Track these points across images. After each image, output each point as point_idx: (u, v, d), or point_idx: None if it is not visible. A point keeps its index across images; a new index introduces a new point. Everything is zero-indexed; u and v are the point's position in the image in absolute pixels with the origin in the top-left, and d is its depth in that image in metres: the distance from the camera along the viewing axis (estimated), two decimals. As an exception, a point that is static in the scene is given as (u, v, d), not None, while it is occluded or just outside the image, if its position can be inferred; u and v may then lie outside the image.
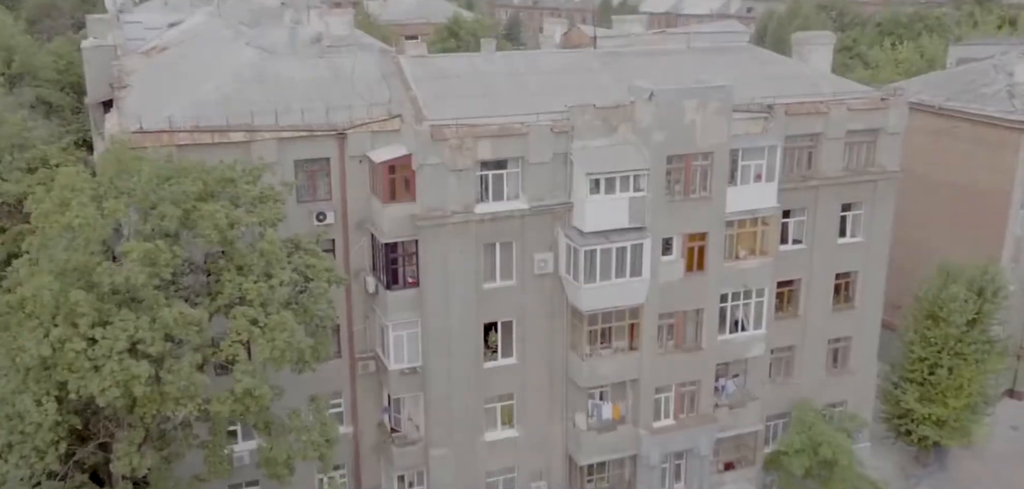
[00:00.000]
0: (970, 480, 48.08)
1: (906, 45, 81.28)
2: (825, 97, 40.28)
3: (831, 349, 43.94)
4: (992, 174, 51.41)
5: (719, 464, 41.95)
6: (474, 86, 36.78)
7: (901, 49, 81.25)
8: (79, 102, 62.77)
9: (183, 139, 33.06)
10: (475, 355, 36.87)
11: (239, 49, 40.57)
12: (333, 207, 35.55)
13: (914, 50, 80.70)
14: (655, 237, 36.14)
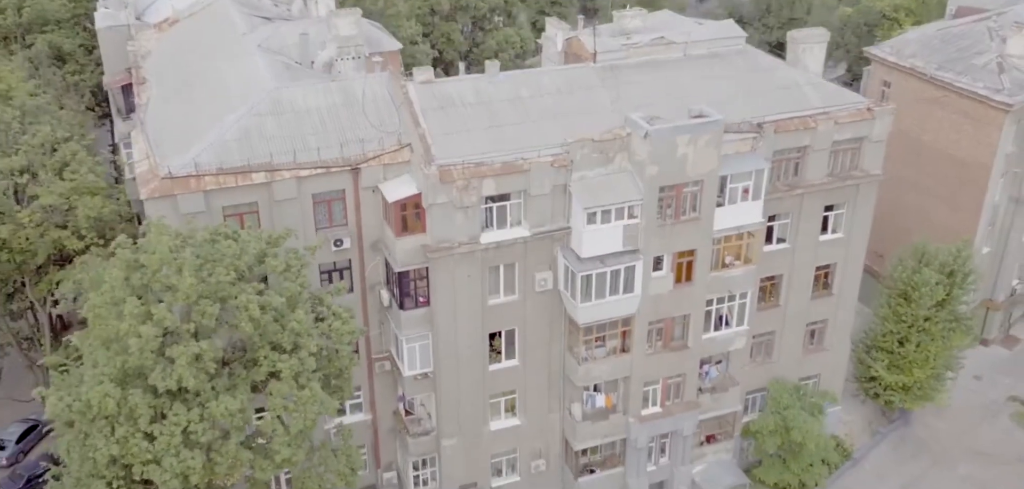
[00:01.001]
0: (931, 435, 52.64)
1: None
2: (814, 109, 41.94)
3: (808, 331, 47.38)
4: (976, 146, 53.37)
5: (701, 437, 46.26)
6: (479, 116, 38.53)
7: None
8: (92, 41, 63.93)
9: (209, 183, 35.39)
10: (481, 360, 40.39)
11: (252, 60, 41.93)
12: (349, 232, 38.23)
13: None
14: (647, 257, 38.88)
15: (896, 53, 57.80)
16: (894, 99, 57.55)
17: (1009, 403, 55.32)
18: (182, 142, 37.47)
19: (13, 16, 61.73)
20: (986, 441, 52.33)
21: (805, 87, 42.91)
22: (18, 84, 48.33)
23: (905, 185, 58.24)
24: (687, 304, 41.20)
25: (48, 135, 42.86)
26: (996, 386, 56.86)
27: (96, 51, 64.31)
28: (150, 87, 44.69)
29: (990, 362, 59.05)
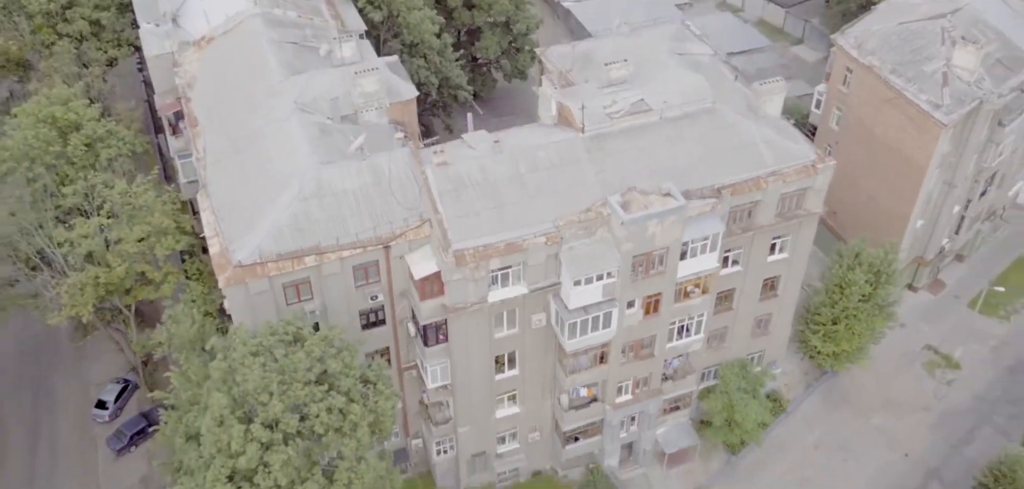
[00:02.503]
0: (854, 385, 63.50)
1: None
2: (767, 168, 49.13)
3: (756, 321, 56.85)
4: (917, 147, 60.44)
5: (664, 409, 56.97)
6: (485, 197, 45.85)
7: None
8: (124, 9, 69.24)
9: (271, 269, 43.73)
10: (488, 373, 50.26)
11: (292, 126, 48.42)
12: (382, 288, 47.00)
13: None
14: (622, 302, 47.74)
15: (858, 47, 63.21)
16: (854, 89, 64.44)
17: (924, 352, 65.90)
18: (242, 221, 45.34)
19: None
20: (899, 391, 63.28)
21: (761, 145, 49.80)
22: (84, 112, 54.73)
23: (858, 164, 65.78)
24: (654, 328, 50.49)
25: (125, 189, 50.16)
26: (917, 334, 67.17)
27: (127, 16, 69.60)
28: (203, 134, 51.59)
29: (917, 309, 69.07)
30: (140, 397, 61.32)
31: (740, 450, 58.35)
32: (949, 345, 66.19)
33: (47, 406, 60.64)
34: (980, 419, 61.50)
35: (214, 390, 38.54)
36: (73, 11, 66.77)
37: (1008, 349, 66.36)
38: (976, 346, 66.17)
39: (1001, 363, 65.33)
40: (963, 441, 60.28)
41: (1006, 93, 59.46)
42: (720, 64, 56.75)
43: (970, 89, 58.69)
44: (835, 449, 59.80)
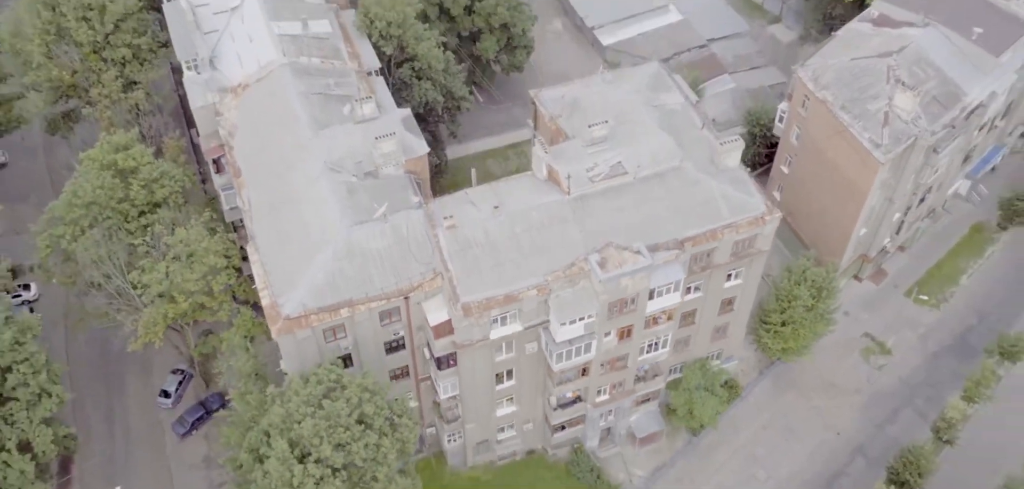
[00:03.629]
0: (800, 371, 73.70)
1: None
2: (724, 221, 57.72)
3: (715, 329, 66.48)
4: (860, 174, 68.75)
5: (636, 402, 67.26)
6: (487, 256, 54.59)
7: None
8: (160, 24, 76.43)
9: (313, 320, 53.00)
10: (490, 385, 60.27)
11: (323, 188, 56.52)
12: (403, 325, 56.45)
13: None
14: (600, 334, 57.25)
15: (815, 81, 70.51)
16: (811, 114, 72.34)
17: (862, 339, 75.82)
18: (286, 277, 54.29)
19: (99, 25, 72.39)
20: (837, 375, 73.55)
21: (719, 200, 58.22)
22: (140, 157, 62.68)
23: (813, 177, 74.23)
24: (627, 348, 60.23)
25: (184, 235, 58.73)
26: (858, 322, 76.97)
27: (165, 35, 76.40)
28: (246, 186, 59.83)
29: (860, 298, 78.62)
30: (196, 386, 71.62)
31: (700, 432, 69.11)
32: (886, 332, 76.11)
33: (119, 396, 70.96)
34: (903, 401, 72.05)
35: (276, 435, 48.49)
36: (116, 37, 73.41)
37: (935, 335, 76.35)
38: (908, 333, 76.12)
39: (927, 349, 75.42)
40: (887, 421, 70.98)
41: (939, 130, 67.32)
42: (690, 111, 64.33)
43: (907, 127, 66.48)
44: (781, 429, 70.54)
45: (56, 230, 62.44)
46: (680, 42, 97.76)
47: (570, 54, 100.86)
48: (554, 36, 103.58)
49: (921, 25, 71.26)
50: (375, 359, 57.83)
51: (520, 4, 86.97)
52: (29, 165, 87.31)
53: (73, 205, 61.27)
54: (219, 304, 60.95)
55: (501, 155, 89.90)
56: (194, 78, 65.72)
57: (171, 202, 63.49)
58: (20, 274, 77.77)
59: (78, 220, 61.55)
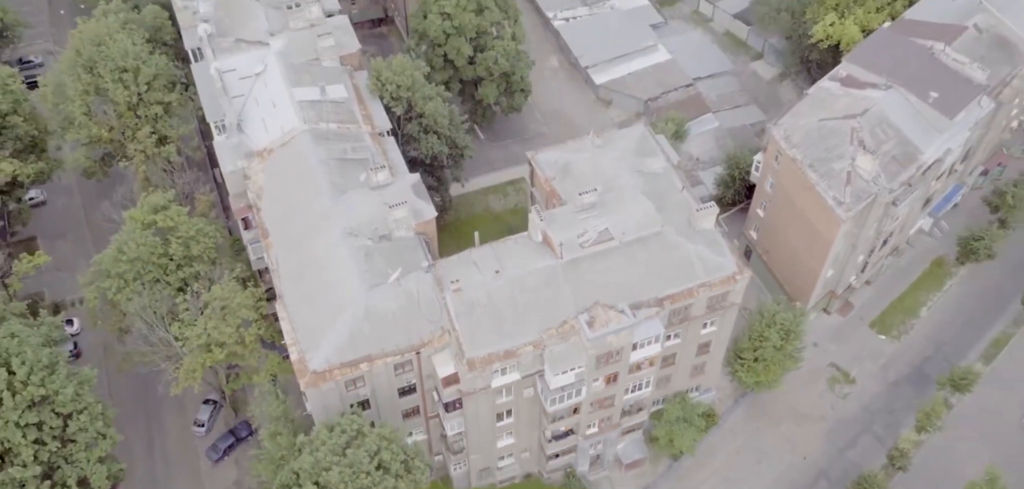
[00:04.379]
0: (771, 399, 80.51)
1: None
2: (699, 280, 64.32)
3: (694, 368, 73.30)
4: (825, 226, 75.28)
5: (622, 432, 74.23)
6: (489, 316, 61.20)
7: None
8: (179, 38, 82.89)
9: (337, 374, 59.78)
10: (492, 424, 67.16)
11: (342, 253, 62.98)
12: (415, 375, 63.21)
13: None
14: (589, 380, 64.07)
15: (786, 140, 76.77)
16: (783, 168, 78.59)
17: (828, 369, 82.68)
18: (311, 334, 60.98)
19: (133, 85, 78.46)
20: (804, 403, 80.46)
21: (695, 261, 64.79)
22: (178, 217, 69.12)
23: (785, 222, 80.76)
24: (614, 390, 67.08)
25: (221, 293, 65.32)
26: (825, 353, 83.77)
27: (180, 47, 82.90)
28: (274, 247, 66.37)
29: (828, 330, 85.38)
30: (225, 415, 78.53)
31: (680, 457, 76.14)
32: (851, 362, 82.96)
33: (157, 424, 77.90)
34: (863, 428, 79.04)
35: (306, 480, 55.43)
36: (148, 95, 79.51)
37: (894, 365, 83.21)
38: (869, 364, 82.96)
39: (887, 378, 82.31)
40: (848, 446, 77.98)
41: (897, 188, 73.78)
42: (672, 174, 70.67)
43: (868, 186, 72.86)
44: (752, 453, 77.57)
45: (103, 283, 69.00)
46: (667, 82, 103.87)
47: (565, 91, 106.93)
48: (551, 73, 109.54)
49: (884, 88, 77.46)
50: (389, 401, 64.68)
51: (520, 52, 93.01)
52: (66, 203, 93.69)
53: (119, 260, 67.80)
54: (250, 350, 67.70)
55: (501, 191, 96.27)
56: (224, 143, 72.07)
57: (205, 257, 70.03)
58: (62, 310, 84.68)
59: (123, 274, 68.12)
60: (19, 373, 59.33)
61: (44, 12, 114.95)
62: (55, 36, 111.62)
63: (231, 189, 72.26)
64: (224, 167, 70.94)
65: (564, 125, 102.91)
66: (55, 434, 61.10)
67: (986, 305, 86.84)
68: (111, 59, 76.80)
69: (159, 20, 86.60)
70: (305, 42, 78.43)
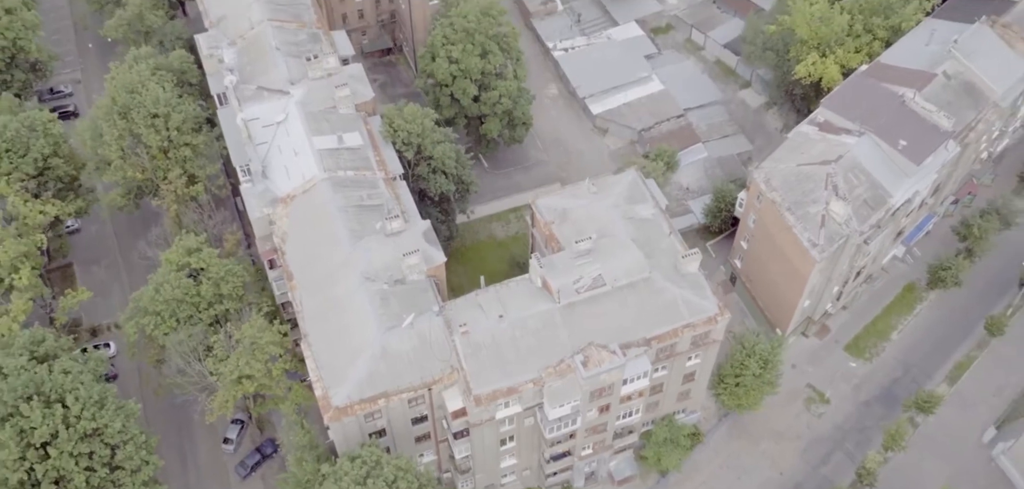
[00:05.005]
0: (751, 419, 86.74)
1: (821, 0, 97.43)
2: (683, 320, 70.39)
3: (680, 394, 79.55)
4: (801, 264, 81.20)
5: (614, 451, 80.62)
6: (494, 356, 67.34)
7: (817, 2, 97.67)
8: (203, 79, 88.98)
9: (357, 409, 66.03)
10: (496, 448, 73.52)
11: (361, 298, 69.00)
12: (427, 408, 69.49)
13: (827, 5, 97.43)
14: (583, 411, 70.34)
15: (766, 183, 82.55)
16: (763, 208, 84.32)
17: (805, 389, 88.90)
18: (334, 372, 67.14)
19: (164, 130, 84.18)
20: (782, 422, 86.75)
21: (680, 304, 70.84)
22: (209, 259, 75.10)
23: (765, 255, 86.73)
24: (606, 419, 73.40)
25: (251, 332, 71.44)
26: (803, 374, 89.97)
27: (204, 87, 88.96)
28: (298, 289, 72.39)
29: (806, 352, 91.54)
30: (251, 434, 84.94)
31: (667, 473, 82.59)
32: (825, 383, 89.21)
33: (189, 441, 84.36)
34: (836, 445, 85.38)
35: (334, 511, 61.99)
36: (178, 137, 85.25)
37: (866, 386, 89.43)
38: (843, 385, 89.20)
39: (859, 398, 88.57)
40: (821, 462, 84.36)
41: (867, 230, 79.67)
42: (660, 220, 76.54)
43: (841, 229, 78.73)
44: (734, 469, 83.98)
45: (141, 319, 75.12)
46: (660, 112, 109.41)
47: (564, 119, 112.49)
48: (550, 101, 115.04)
49: (857, 134, 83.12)
50: (403, 428, 70.95)
51: (521, 90, 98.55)
52: (99, 230, 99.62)
53: (156, 300, 73.88)
54: (276, 382, 73.93)
55: (504, 218, 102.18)
56: (250, 189, 77.91)
57: (234, 295, 76.07)
58: (98, 333, 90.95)
59: (160, 311, 74.20)
60: (73, 409, 65.73)
61: (71, 41, 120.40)
62: (83, 66, 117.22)
63: (257, 233, 78.22)
64: (251, 213, 76.85)
65: (563, 153, 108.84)
66: (104, 461, 67.49)
67: (952, 329, 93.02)
68: (144, 106, 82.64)
69: (185, 64, 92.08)
70: (323, 91, 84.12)
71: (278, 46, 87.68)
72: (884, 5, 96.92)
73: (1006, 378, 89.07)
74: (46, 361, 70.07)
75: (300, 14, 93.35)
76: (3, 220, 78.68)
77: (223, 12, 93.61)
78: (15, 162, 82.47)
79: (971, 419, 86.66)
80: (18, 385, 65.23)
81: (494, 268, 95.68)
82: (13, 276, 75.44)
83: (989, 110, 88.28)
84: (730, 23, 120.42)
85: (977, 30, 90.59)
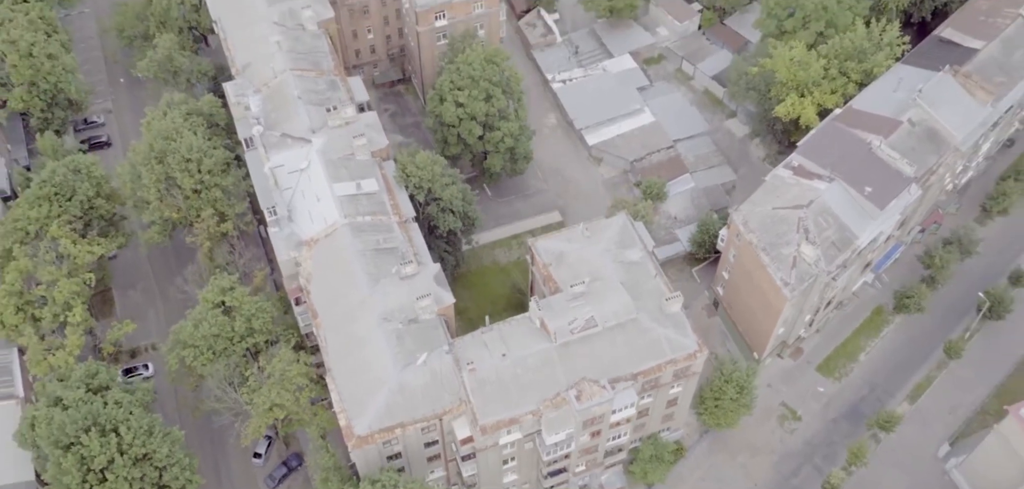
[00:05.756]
0: (730, 434, 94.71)
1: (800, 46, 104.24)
2: (666, 357, 78.13)
3: (664, 416, 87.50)
4: (774, 299, 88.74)
5: (605, 467, 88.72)
6: (497, 390, 75.14)
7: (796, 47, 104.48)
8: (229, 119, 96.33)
9: (377, 438, 73.99)
10: (499, 468, 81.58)
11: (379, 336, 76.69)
12: (437, 433, 77.47)
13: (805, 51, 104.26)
14: (577, 437, 78.32)
15: (744, 224, 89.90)
16: (742, 246, 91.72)
17: (779, 407, 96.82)
18: (357, 404, 75.01)
19: (197, 173, 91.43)
20: (758, 438, 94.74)
21: (664, 342, 78.57)
22: (242, 298, 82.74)
23: (744, 287, 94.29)
24: (597, 442, 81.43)
25: (280, 367, 79.22)
26: (777, 393, 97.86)
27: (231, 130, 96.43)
28: (323, 327, 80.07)
29: (781, 372, 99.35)
30: (278, 449, 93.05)
31: (653, 485, 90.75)
32: (798, 401, 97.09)
33: (222, 454, 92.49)
34: (805, 459, 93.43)
35: (358, 528, 70.07)
36: (210, 178, 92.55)
37: (835, 404, 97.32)
38: (814, 403, 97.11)
39: (828, 415, 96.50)
40: (792, 474, 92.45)
41: (834, 269, 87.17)
42: (647, 261, 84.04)
43: (810, 269, 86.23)
44: (713, 481, 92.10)
45: (181, 351, 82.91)
46: (651, 143, 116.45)
47: (562, 149, 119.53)
48: (549, 131, 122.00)
49: (828, 179, 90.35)
50: (417, 451, 78.94)
51: (523, 128, 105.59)
52: (134, 257, 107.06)
53: (195, 334, 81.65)
54: (302, 409, 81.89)
55: (506, 245, 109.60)
56: (278, 233, 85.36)
57: (264, 329, 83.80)
58: (137, 354, 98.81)
59: (198, 344, 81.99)
60: (126, 437, 73.77)
61: (102, 71, 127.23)
62: (114, 96, 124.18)
63: (284, 272, 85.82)
64: (279, 255, 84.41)
65: (561, 181, 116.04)
66: (153, 482, 75.65)
67: (914, 351, 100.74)
68: (179, 152, 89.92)
69: (214, 108, 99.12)
70: (342, 139, 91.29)
71: (300, 95, 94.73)
72: (857, 51, 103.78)
73: (961, 398, 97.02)
74: (99, 392, 78.11)
75: (319, 62, 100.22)
76: (56, 260, 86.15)
77: (248, 59, 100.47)
78: (63, 205, 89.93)
79: (928, 435, 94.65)
80: (78, 417, 73.24)
81: (497, 293, 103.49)
82: (67, 313, 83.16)
83: (950, 154, 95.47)
84: (718, 55, 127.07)
85: (940, 79, 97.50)
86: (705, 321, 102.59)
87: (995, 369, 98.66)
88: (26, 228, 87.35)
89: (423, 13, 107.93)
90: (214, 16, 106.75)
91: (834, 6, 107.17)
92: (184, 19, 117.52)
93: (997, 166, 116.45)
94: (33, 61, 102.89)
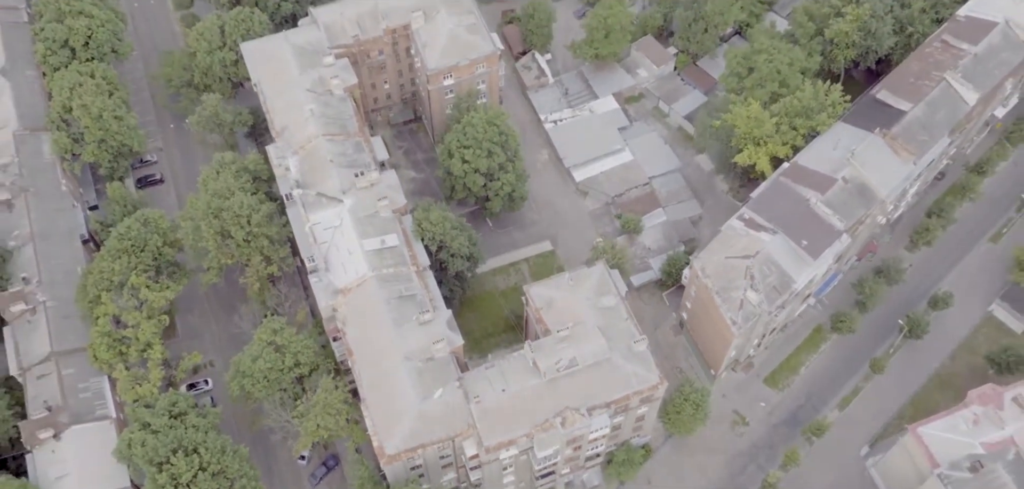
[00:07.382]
0: (690, 438, 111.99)
1: (755, 104, 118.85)
2: (634, 388, 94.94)
3: (634, 428, 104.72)
4: (726, 332, 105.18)
5: (585, 468, 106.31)
6: (499, 416, 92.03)
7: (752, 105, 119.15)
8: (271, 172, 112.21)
9: (402, 456, 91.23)
10: (501, 475, 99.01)
11: (403, 371, 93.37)
12: (450, 451, 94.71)
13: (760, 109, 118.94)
14: (562, 451, 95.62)
15: (702, 270, 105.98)
16: (700, 287, 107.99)
17: (731, 414, 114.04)
18: (386, 427, 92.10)
19: (247, 226, 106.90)
20: (713, 441, 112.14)
21: (632, 377, 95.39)
22: (290, 339, 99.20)
23: (703, 316, 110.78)
24: (579, 452, 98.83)
25: (323, 397, 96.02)
26: (730, 402, 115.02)
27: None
28: (357, 362, 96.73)
29: (734, 384, 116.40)
30: (319, 452, 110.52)
31: (626, 482, 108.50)
32: (747, 408, 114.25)
33: (274, 460, 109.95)
34: (750, 459, 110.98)
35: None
36: (258, 229, 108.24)
37: (777, 411, 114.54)
38: (759, 410, 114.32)
39: (771, 421, 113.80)
40: (739, 472, 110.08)
41: (774, 310, 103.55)
42: (620, 306, 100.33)
43: (755, 309, 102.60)
44: (676, 477, 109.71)
45: (242, 380, 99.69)
46: (629, 180, 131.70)
47: (553, 184, 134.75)
48: (542, 165, 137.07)
49: (772, 232, 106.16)
50: (434, 463, 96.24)
51: (520, 176, 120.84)
52: (191, 286, 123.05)
53: (252, 368, 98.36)
54: (341, 427, 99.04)
55: (504, 272, 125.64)
56: (317, 282, 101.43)
57: (308, 362, 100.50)
58: (198, 371, 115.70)
59: (255, 375, 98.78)
60: (205, 456, 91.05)
61: (150, 112, 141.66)
62: (163, 135, 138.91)
63: (324, 316, 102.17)
64: (319, 302, 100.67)
65: (552, 213, 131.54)
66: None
67: (846, 366, 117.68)
68: (232, 210, 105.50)
69: (259, 165, 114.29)
70: (368, 199, 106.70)
71: (332, 159, 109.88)
72: (804, 110, 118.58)
73: (883, 406, 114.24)
74: (179, 417, 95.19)
75: (345, 125, 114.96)
76: (137, 305, 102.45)
77: (286, 122, 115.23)
78: (138, 255, 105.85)
79: (853, 438, 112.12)
80: (167, 441, 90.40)
81: (495, 317, 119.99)
82: (149, 351, 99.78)
83: (877, 207, 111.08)
84: (691, 95, 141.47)
85: (871, 141, 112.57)
86: (672, 339, 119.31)
87: (912, 381, 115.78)
88: (111, 278, 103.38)
89: (434, 75, 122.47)
90: (254, 79, 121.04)
91: (786, 70, 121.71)
92: (223, 70, 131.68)
93: (929, 197, 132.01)
94: (102, 122, 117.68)
